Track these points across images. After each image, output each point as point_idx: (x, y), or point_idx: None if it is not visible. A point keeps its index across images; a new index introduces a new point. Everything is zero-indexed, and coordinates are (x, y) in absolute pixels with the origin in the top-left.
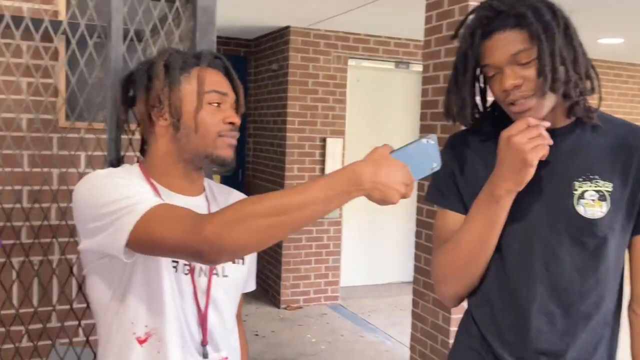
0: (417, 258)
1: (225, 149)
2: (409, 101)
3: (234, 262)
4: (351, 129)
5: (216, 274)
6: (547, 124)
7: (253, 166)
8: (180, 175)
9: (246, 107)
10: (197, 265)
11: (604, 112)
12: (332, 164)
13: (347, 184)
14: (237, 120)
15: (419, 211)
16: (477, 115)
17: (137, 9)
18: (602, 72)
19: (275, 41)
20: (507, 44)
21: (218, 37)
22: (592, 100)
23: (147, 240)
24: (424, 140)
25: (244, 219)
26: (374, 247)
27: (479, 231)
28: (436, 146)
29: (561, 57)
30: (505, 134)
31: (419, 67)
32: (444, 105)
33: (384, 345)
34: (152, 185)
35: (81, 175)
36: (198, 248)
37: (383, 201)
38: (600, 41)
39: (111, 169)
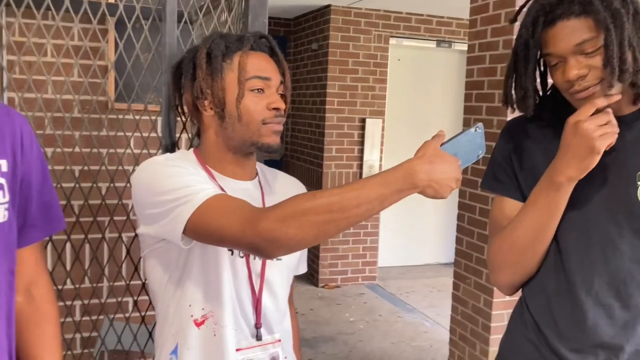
0: (458, 241)
1: (271, 136)
2: (450, 81)
3: None
4: (391, 110)
5: None
6: (606, 101)
7: (292, 147)
8: (231, 161)
9: None
10: None
11: None
12: (371, 145)
13: (403, 182)
14: (282, 105)
15: (462, 194)
16: (536, 101)
17: None
18: None
19: (315, 20)
20: (571, 33)
21: None
22: None
23: (203, 231)
24: (472, 130)
25: (299, 216)
26: (411, 229)
27: (537, 218)
28: (483, 134)
29: (630, 46)
30: (572, 119)
31: (461, 46)
32: (503, 93)
33: (422, 327)
34: (207, 171)
35: (134, 157)
36: (254, 242)
37: (435, 197)
38: None
39: (168, 155)
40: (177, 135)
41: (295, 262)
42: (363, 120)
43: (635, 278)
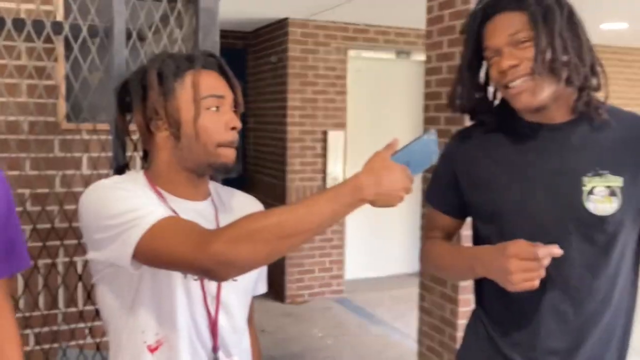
0: None
1: (227, 156)
2: (410, 91)
3: None
4: (353, 121)
5: None
6: (559, 252)
7: (254, 161)
8: (184, 182)
9: (245, 100)
10: None
11: (612, 106)
12: (334, 157)
13: (351, 196)
14: (239, 124)
15: (425, 203)
16: (479, 108)
17: (138, 10)
18: (606, 58)
19: (273, 33)
20: (506, 25)
21: None
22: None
23: (153, 255)
24: (425, 137)
25: (251, 236)
26: (377, 239)
27: (458, 273)
28: (436, 140)
29: (561, 39)
30: (508, 250)
31: (420, 57)
32: (448, 94)
33: (390, 339)
34: (158, 193)
35: (84, 178)
36: (206, 265)
37: (385, 207)
38: (602, 26)
39: (116, 178)
40: (129, 154)
41: (252, 282)
42: (325, 133)
43: (586, 284)
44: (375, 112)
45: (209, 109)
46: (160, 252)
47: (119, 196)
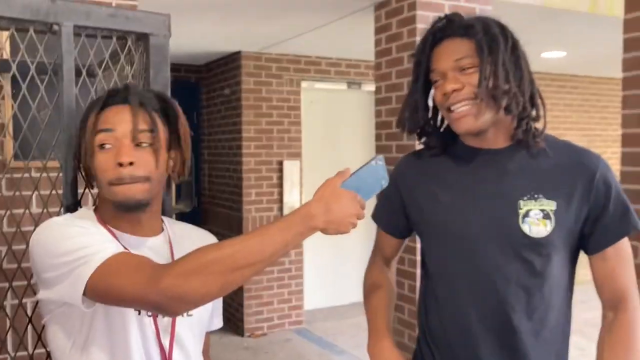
0: None
1: (121, 194)
2: (362, 120)
3: None
4: (308, 151)
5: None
6: None
7: (209, 193)
8: (123, 219)
9: (199, 133)
10: None
11: (548, 134)
12: (290, 187)
13: (302, 225)
14: (124, 158)
15: None
16: (424, 126)
17: (87, 47)
18: (547, 84)
19: (226, 66)
20: (453, 51)
21: None
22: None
23: (104, 292)
24: (372, 163)
25: (203, 268)
26: (335, 268)
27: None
28: (384, 166)
29: (504, 68)
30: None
31: (371, 87)
32: (398, 117)
33: None
34: (108, 229)
35: (34, 217)
36: (157, 300)
37: (336, 234)
38: (543, 55)
39: (67, 216)
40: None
41: (207, 316)
42: (281, 163)
43: (522, 303)
44: (329, 141)
45: (101, 147)
46: (112, 288)
47: (71, 233)
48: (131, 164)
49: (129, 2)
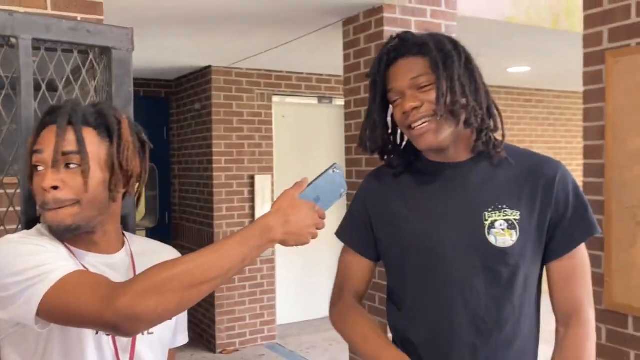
0: None
1: (50, 219)
2: (333, 134)
3: None
4: (279, 165)
5: (140, 332)
6: None
7: (180, 208)
8: (78, 238)
9: (169, 148)
10: None
11: (508, 144)
12: (262, 201)
13: (260, 238)
14: (46, 183)
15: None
16: (385, 144)
17: (47, 61)
18: (514, 98)
19: (196, 81)
20: (409, 69)
21: (137, 79)
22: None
23: (58, 312)
24: (330, 171)
25: (159, 286)
26: (308, 281)
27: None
28: (342, 174)
29: (460, 83)
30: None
31: (341, 102)
32: (359, 136)
33: None
34: (66, 247)
35: None
36: (113, 321)
37: (296, 245)
38: (509, 70)
39: (23, 233)
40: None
41: (169, 334)
42: (252, 177)
43: (492, 315)
44: (301, 156)
45: (36, 168)
46: (66, 308)
47: (26, 251)
48: (55, 188)
49: (94, 16)
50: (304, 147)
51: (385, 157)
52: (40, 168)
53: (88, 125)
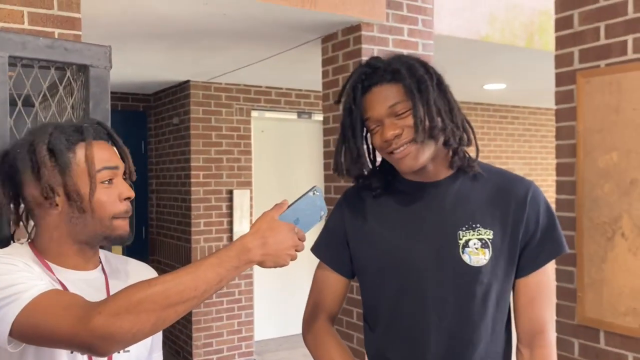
0: None
1: (122, 227)
2: (313, 149)
3: None
4: (258, 180)
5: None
6: None
7: (157, 223)
8: (75, 253)
9: (147, 162)
10: None
11: (482, 162)
12: (240, 216)
13: (237, 260)
14: (132, 194)
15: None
16: (366, 172)
17: (23, 77)
18: (490, 115)
19: (175, 95)
20: (385, 97)
21: (115, 93)
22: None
23: (31, 332)
24: (310, 194)
25: (134, 307)
26: (286, 296)
27: None
28: (322, 196)
29: (436, 107)
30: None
31: (321, 117)
32: (334, 161)
33: None
34: (45, 264)
35: None
36: (86, 341)
37: (275, 267)
38: (485, 87)
39: None
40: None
41: (145, 352)
42: (230, 192)
43: (467, 333)
44: (280, 170)
45: (104, 182)
46: (39, 329)
47: None
48: (128, 199)
49: (72, 32)
50: (283, 162)
51: (361, 180)
52: (108, 182)
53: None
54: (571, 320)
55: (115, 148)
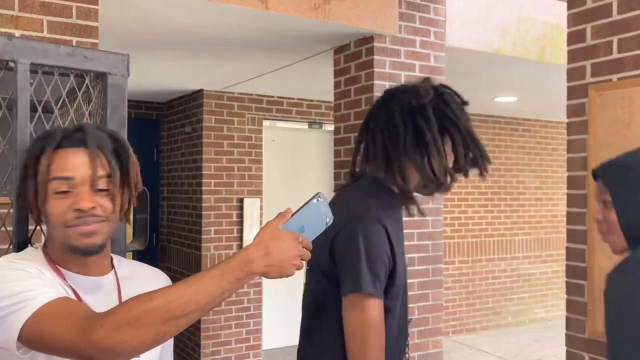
0: None
1: (79, 238)
2: (323, 159)
3: None
4: (268, 188)
5: None
6: None
7: (168, 230)
8: (73, 260)
9: (159, 169)
10: None
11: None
12: (250, 224)
13: (239, 271)
14: (85, 205)
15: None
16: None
17: (44, 84)
18: (501, 127)
19: (188, 104)
20: None
21: (129, 101)
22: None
23: (37, 340)
24: (314, 200)
25: (135, 320)
26: (295, 306)
27: None
28: (326, 202)
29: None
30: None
31: (331, 127)
32: (436, 181)
33: None
34: (56, 270)
35: None
36: (88, 353)
37: (280, 277)
38: (497, 99)
39: (11, 257)
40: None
41: (156, 358)
42: (241, 200)
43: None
44: (290, 179)
45: (58, 194)
46: (44, 337)
47: (11, 276)
48: (93, 208)
49: (89, 40)
50: (294, 171)
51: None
52: (64, 193)
53: (109, 150)
54: (581, 334)
55: (94, 156)
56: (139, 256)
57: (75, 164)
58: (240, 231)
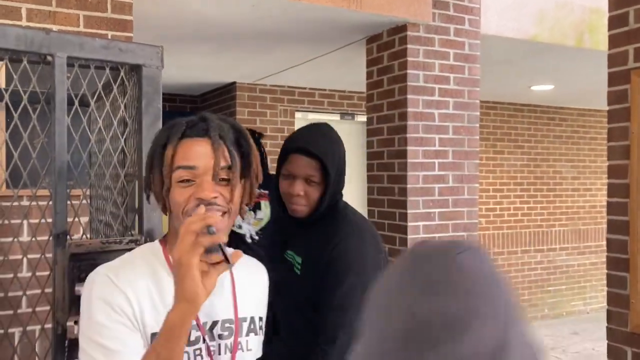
0: None
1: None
2: (356, 150)
3: (255, 334)
4: None
5: (241, 349)
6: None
7: None
8: None
9: None
10: (222, 343)
11: None
12: None
13: (174, 324)
14: (206, 195)
15: None
16: None
17: (80, 77)
18: (537, 116)
19: (221, 97)
20: None
21: (163, 94)
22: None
23: None
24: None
25: None
26: None
27: None
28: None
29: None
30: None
31: (363, 118)
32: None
33: None
34: (167, 261)
35: (23, 245)
36: None
37: (189, 270)
38: (533, 88)
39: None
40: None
41: (260, 348)
42: None
43: None
44: None
45: (181, 182)
46: None
47: (97, 317)
48: (214, 197)
49: (124, 34)
50: None
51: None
52: (188, 181)
53: (230, 141)
54: (624, 327)
55: (217, 146)
56: None
57: (198, 153)
58: None
